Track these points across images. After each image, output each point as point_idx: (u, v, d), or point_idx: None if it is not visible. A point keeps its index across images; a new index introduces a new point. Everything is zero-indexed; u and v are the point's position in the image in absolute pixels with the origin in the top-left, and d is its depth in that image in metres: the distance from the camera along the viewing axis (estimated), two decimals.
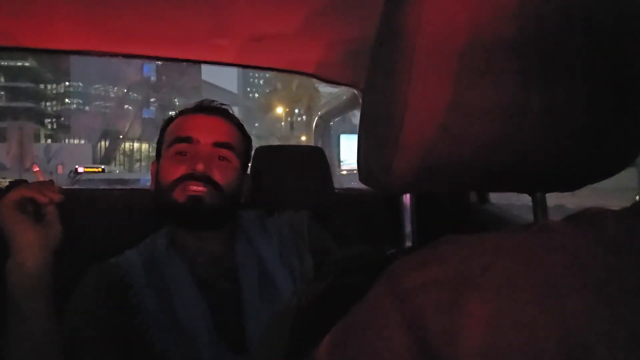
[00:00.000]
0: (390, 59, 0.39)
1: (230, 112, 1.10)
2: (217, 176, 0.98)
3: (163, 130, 1.09)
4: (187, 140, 1.00)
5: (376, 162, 0.42)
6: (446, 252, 0.30)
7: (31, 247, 0.79)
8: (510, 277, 0.27)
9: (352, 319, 0.31)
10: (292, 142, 29.06)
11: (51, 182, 0.89)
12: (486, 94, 0.37)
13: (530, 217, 0.56)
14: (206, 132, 1.01)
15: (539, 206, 0.53)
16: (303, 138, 29.02)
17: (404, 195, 0.46)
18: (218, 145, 1.01)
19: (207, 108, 1.08)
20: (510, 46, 0.36)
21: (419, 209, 0.64)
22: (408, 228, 0.47)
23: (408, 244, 0.47)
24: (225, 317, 0.95)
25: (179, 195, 0.96)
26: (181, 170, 0.97)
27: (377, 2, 1.20)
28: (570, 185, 0.48)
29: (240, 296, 0.97)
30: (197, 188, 0.96)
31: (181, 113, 1.09)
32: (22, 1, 1.12)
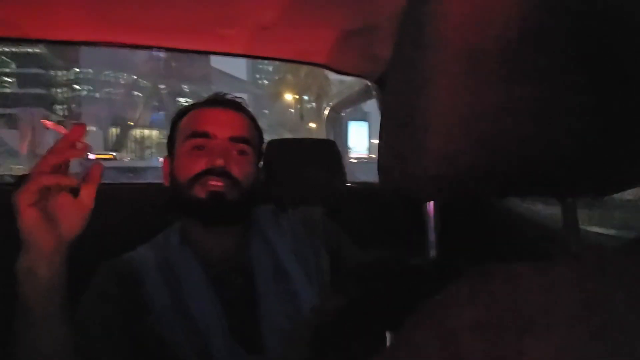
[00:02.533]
0: (414, 56, 0.37)
1: (245, 105, 1.09)
2: (236, 171, 0.97)
3: (175, 123, 1.07)
4: (204, 135, 0.99)
5: (399, 167, 0.40)
6: (497, 288, 0.27)
7: (46, 251, 0.72)
8: (571, 317, 0.25)
9: (393, 356, 0.29)
10: (301, 130, 29.24)
11: (79, 128, 0.75)
12: (517, 93, 0.35)
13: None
14: (223, 126, 1.00)
15: (569, 212, 0.50)
16: (312, 125, 29.09)
17: (428, 203, 0.44)
18: (235, 139, 1.00)
19: (222, 101, 1.06)
20: (545, 41, 0.33)
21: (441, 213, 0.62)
22: (432, 236, 0.45)
23: (432, 253, 0.45)
24: (239, 315, 0.93)
25: (199, 192, 0.95)
26: (200, 166, 0.96)
27: None
28: (602, 191, 0.46)
29: (254, 293, 0.96)
30: (217, 184, 0.95)
31: (195, 106, 1.07)
32: None
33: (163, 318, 0.90)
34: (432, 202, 0.40)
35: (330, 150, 1.47)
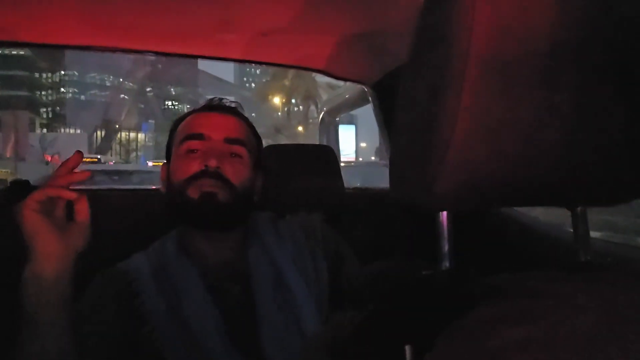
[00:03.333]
0: (435, 67, 0.36)
1: (241, 110, 1.09)
2: (229, 173, 0.96)
3: (172, 131, 1.07)
4: (198, 137, 0.98)
5: (414, 181, 0.40)
6: (535, 307, 0.27)
7: (52, 257, 0.73)
8: (624, 335, 0.25)
9: None
10: (290, 133, 29.12)
11: (78, 156, 0.80)
12: (539, 106, 0.35)
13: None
14: (217, 128, 1.00)
15: (580, 221, 0.50)
16: (300, 129, 29.01)
17: (441, 213, 0.44)
18: (229, 141, 0.99)
19: (217, 106, 1.06)
20: (567, 53, 0.34)
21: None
22: (445, 248, 0.44)
23: (446, 264, 0.44)
24: (237, 324, 0.92)
25: (192, 193, 0.94)
26: (194, 168, 0.95)
27: None
28: (611, 200, 0.46)
29: (253, 302, 0.95)
30: (210, 185, 0.94)
31: (191, 112, 1.07)
32: None
33: (160, 328, 0.89)
34: (444, 212, 0.40)
35: (327, 156, 1.47)
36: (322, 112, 2.26)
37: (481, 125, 0.35)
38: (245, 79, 70.28)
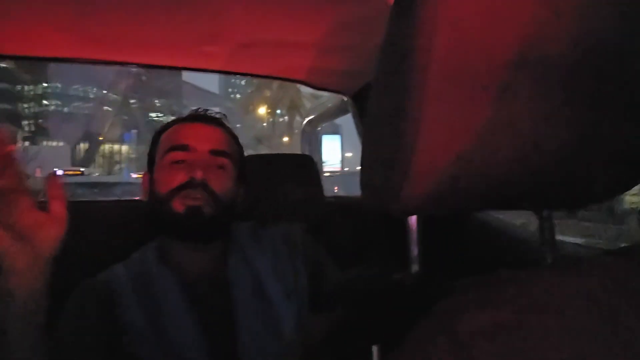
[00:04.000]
0: (399, 79, 0.37)
1: (225, 121, 1.08)
2: (215, 185, 0.95)
3: (155, 139, 1.06)
4: (184, 148, 0.98)
5: (382, 185, 0.41)
6: (506, 294, 0.29)
7: (17, 266, 0.66)
8: (581, 322, 0.26)
9: None
10: (274, 143, 29.04)
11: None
12: (500, 115, 0.36)
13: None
14: (203, 140, 0.99)
15: (546, 224, 0.52)
16: (285, 139, 28.96)
17: (409, 218, 0.45)
18: (215, 153, 0.99)
19: (202, 117, 1.06)
20: (526, 66, 0.35)
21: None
22: (415, 251, 0.46)
23: (415, 267, 0.46)
24: (217, 334, 0.92)
25: (177, 206, 0.93)
26: (179, 179, 0.94)
27: (368, 9, 1.19)
28: (576, 203, 0.48)
29: (232, 312, 0.94)
30: (195, 198, 0.93)
31: (175, 122, 1.06)
32: (4, 7, 1.09)
33: (139, 338, 0.88)
34: (414, 217, 0.41)
35: (307, 166, 1.48)
36: (304, 122, 2.27)
37: (444, 132, 0.36)
38: (230, 90, 70.05)
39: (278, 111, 30.65)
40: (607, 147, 0.39)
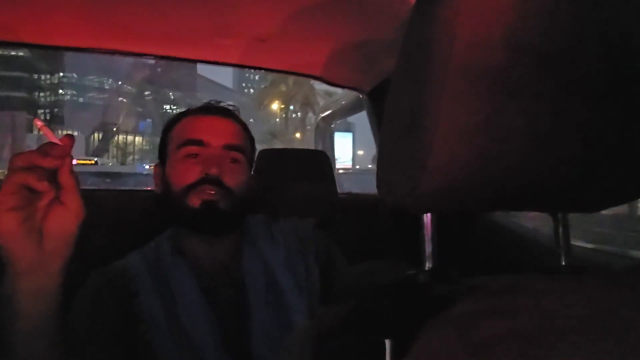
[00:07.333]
0: (420, 74, 0.37)
1: (237, 113, 1.08)
2: (229, 180, 0.96)
3: (167, 130, 1.06)
4: (198, 142, 0.98)
5: (399, 181, 0.40)
6: (523, 302, 0.29)
7: (25, 262, 0.62)
8: (595, 331, 0.26)
9: None
10: (286, 139, 29.08)
11: (68, 136, 0.65)
12: (519, 113, 0.36)
13: None
14: (216, 134, 0.99)
15: (561, 226, 0.51)
16: (297, 135, 28.99)
17: (425, 215, 0.45)
18: (229, 147, 0.99)
19: (216, 109, 1.05)
20: (546, 61, 0.35)
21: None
22: (429, 249, 0.46)
23: (429, 265, 0.46)
24: (230, 326, 0.92)
25: (193, 201, 0.94)
26: (195, 174, 0.95)
27: (386, 5, 1.18)
28: (592, 206, 0.47)
29: (246, 304, 0.95)
30: (211, 193, 0.94)
31: (187, 113, 1.06)
32: None
33: (155, 328, 0.89)
34: (429, 214, 0.41)
35: (321, 161, 1.48)
36: (318, 118, 2.27)
37: (462, 130, 0.35)
38: (244, 84, 70.31)
39: (291, 107, 30.67)
40: (623, 150, 0.39)
